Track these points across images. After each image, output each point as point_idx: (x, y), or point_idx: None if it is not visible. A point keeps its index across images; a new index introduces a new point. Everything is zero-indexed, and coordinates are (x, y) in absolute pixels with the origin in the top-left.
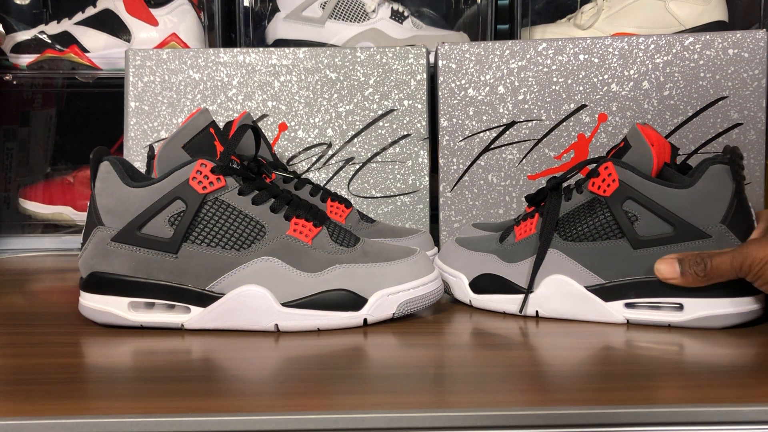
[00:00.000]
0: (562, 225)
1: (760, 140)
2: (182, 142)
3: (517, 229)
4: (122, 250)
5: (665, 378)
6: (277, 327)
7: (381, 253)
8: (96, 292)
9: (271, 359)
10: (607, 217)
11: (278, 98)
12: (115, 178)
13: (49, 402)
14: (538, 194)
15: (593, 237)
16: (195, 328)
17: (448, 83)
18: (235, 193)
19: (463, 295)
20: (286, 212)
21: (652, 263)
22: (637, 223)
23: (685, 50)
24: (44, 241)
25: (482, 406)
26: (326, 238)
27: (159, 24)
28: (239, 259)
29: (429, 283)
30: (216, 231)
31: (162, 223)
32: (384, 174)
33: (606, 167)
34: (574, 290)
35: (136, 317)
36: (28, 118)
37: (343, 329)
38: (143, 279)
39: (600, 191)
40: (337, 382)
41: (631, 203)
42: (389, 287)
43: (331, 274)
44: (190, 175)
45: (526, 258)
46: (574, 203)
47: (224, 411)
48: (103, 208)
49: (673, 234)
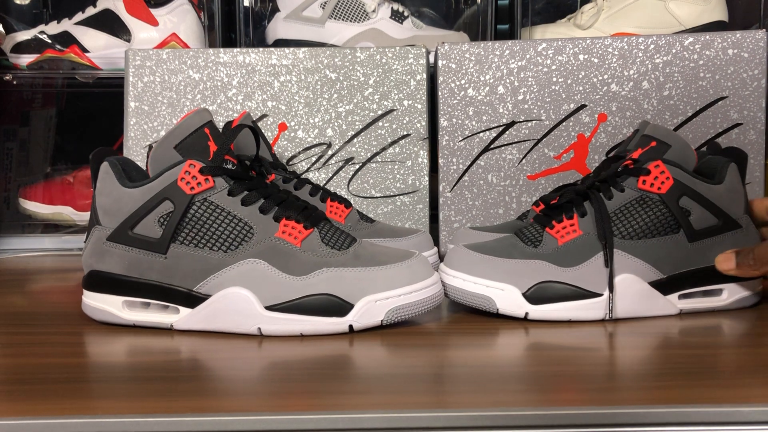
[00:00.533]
0: (613, 224)
1: (759, 140)
2: (174, 143)
3: (551, 231)
4: (116, 250)
5: (665, 378)
6: (260, 330)
7: (374, 256)
8: (94, 290)
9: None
10: (663, 213)
11: (278, 98)
12: (112, 179)
13: (49, 402)
14: (562, 195)
15: (651, 233)
16: (183, 329)
17: (448, 83)
18: (224, 193)
19: (516, 308)
20: (276, 213)
21: (704, 254)
22: (692, 217)
23: (685, 50)
24: (44, 241)
25: (482, 406)
26: (317, 240)
27: (159, 24)
28: (226, 261)
29: (425, 289)
30: (204, 232)
31: (152, 224)
32: (384, 174)
33: (657, 165)
34: (642, 288)
35: (130, 316)
36: (28, 118)
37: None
38: (136, 278)
39: (654, 189)
40: (337, 382)
41: (686, 199)
42: (377, 293)
43: (317, 277)
44: (179, 175)
45: (585, 261)
46: (619, 201)
47: (223, 411)
48: (101, 208)
49: (720, 225)
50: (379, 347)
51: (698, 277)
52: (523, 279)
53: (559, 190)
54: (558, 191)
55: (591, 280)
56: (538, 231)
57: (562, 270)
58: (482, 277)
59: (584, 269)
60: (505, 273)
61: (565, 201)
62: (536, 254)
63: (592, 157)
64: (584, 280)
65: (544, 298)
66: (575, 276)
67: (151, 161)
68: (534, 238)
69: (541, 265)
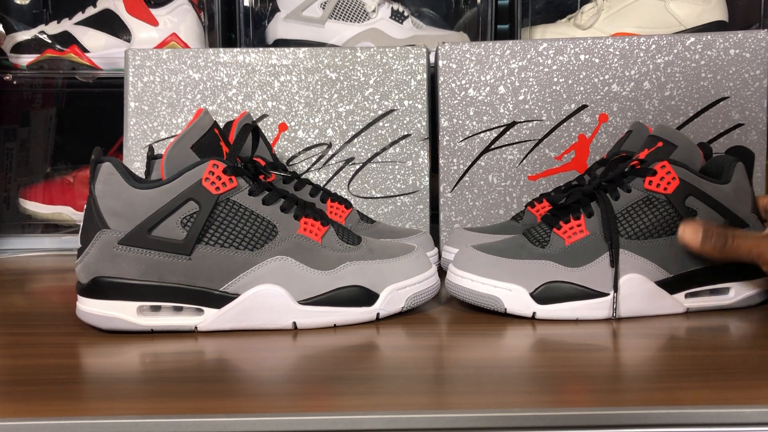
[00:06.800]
0: (619, 224)
1: (761, 140)
2: (191, 143)
3: (559, 232)
4: (131, 254)
5: (666, 379)
6: (294, 325)
7: (385, 250)
8: (100, 298)
9: (261, 360)
10: (670, 213)
11: (278, 98)
12: (119, 180)
13: (48, 403)
14: (569, 196)
15: (658, 233)
16: (209, 330)
17: (449, 83)
18: (246, 193)
19: (524, 308)
20: (296, 212)
21: None
22: (698, 217)
23: (686, 50)
24: (44, 241)
25: (483, 407)
26: (334, 236)
27: (159, 24)
28: (253, 259)
29: (430, 278)
30: (229, 231)
31: (174, 225)
32: (384, 174)
33: (663, 166)
34: (649, 287)
35: (147, 321)
36: (28, 118)
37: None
38: (154, 282)
39: (660, 189)
40: (337, 382)
41: (692, 199)
42: (397, 282)
43: (344, 271)
44: (203, 175)
45: (591, 261)
46: (626, 202)
47: (222, 412)
48: (107, 210)
49: (727, 225)
50: (374, 346)
51: (705, 276)
52: (531, 279)
53: (559, 189)
54: (558, 190)
55: (597, 280)
56: (545, 231)
57: (569, 270)
58: (490, 277)
59: (591, 269)
60: (513, 273)
61: (573, 201)
62: (544, 255)
63: (593, 158)
64: (591, 280)
65: (551, 298)
66: (582, 276)
67: (166, 161)
68: (542, 239)
69: (548, 266)
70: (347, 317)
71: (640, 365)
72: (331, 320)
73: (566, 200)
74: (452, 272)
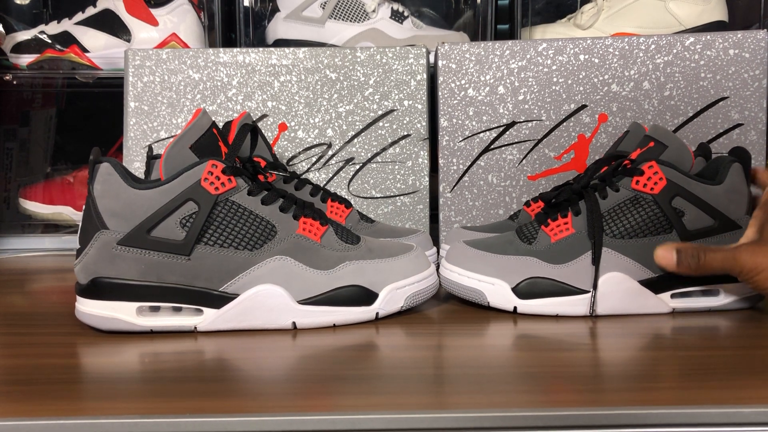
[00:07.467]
0: (605, 222)
1: (760, 141)
2: (189, 143)
3: (546, 229)
4: (130, 254)
5: (665, 379)
6: (294, 324)
7: (383, 249)
8: (99, 298)
9: (259, 361)
10: (656, 213)
11: (278, 98)
12: (118, 180)
13: (48, 403)
14: (559, 194)
15: (642, 233)
16: (209, 330)
17: (448, 83)
18: (245, 193)
19: (505, 302)
20: (295, 212)
21: None
22: (685, 218)
23: (686, 50)
24: (44, 241)
25: (482, 407)
26: (333, 236)
27: (159, 24)
28: (253, 259)
29: (429, 277)
30: (228, 232)
31: (173, 225)
32: (384, 174)
33: (651, 166)
34: (630, 286)
35: (146, 322)
36: (28, 118)
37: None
38: (153, 283)
39: (647, 189)
40: (337, 382)
41: (679, 200)
42: (396, 281)
43: (343, 270)
44: (202, 176)
45: (574, 258)
46: (613, 201)
47: (222, 412)
48: (106, 211)
49: (716, 226)
50: (373, 345)
51: (691, 277)
52: (514, 274)
53: (558, 188)
54: (557, 190)
55: (578, 277)
56: (534, 228)
57: (551, 267)
58: (475, 271)
59: (573, 267)
60: (497, 268)
61: (563, 200)
62: (529, 251)
63: (592, 158)
64: (572, 277)
65: (532, 293)
66: (563, 273)
67: (165, 161)
68: (530, 236)
69: (532, 262)
70: (346, 317)
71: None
72: (330, 320)
73: (556, 198)
74: (443, 266)
